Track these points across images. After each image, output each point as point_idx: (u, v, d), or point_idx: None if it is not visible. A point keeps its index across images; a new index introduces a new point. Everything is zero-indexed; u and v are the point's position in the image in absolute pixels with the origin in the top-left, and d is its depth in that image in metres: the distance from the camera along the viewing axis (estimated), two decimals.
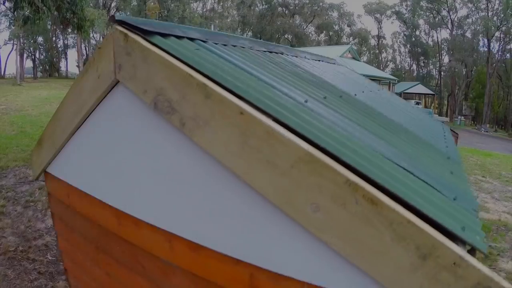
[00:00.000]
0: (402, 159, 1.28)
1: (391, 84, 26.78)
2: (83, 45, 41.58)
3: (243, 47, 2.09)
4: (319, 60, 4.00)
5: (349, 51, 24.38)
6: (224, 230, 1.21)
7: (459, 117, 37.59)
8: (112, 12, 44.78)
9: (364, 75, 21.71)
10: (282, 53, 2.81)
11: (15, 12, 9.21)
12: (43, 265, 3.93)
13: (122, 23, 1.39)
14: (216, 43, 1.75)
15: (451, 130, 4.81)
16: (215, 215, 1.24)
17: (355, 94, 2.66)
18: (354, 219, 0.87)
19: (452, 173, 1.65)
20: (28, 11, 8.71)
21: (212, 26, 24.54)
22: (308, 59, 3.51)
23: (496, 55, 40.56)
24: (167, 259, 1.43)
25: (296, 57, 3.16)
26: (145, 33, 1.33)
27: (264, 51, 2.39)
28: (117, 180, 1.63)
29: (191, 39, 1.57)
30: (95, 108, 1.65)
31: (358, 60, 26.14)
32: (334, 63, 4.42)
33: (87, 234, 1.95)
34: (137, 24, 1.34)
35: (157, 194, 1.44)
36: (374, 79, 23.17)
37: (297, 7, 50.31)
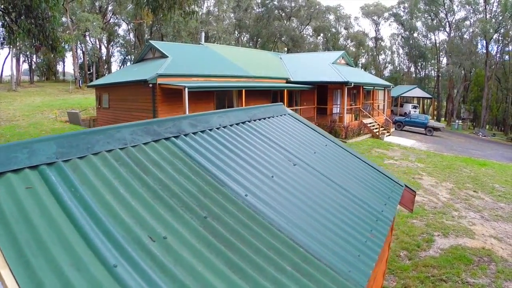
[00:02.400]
0: None
1: (386, 90, 26.52)
2: (79, 50, 41.56)
3: (112, 150, 1.77)
4: (251, 121, 3.20)
5: (343, 57, 24.04)
6: None
7: (457, 121, 37.34)
8: (108, 16, 44.64)
9: (357, 83, 21.20)
10: (178, 136, 2.29)
11: None
12: None
13: None
14: (69, 160, 1.58)
15: (407, 188, 3.86)
16: None
17: (246, 195, 2.06)
18: None
19: None
20: (3, 32, 8.65)
21: (202, 34, 24.34)
22: (231, 126, 2.87)
23: (495, 57, 40.30)
24: None
25: (203, 131, 2.58)
26: None
27: (147, 143, 2.00)
28: None
29: (34, 167, 1.44)
30: None
31: (352, 66, 25.85)
32: (273, 116, 3.51)
33: None
34: None
35: None
36: (368, 85, 22.97)
37: (293, 10, 50.12)
